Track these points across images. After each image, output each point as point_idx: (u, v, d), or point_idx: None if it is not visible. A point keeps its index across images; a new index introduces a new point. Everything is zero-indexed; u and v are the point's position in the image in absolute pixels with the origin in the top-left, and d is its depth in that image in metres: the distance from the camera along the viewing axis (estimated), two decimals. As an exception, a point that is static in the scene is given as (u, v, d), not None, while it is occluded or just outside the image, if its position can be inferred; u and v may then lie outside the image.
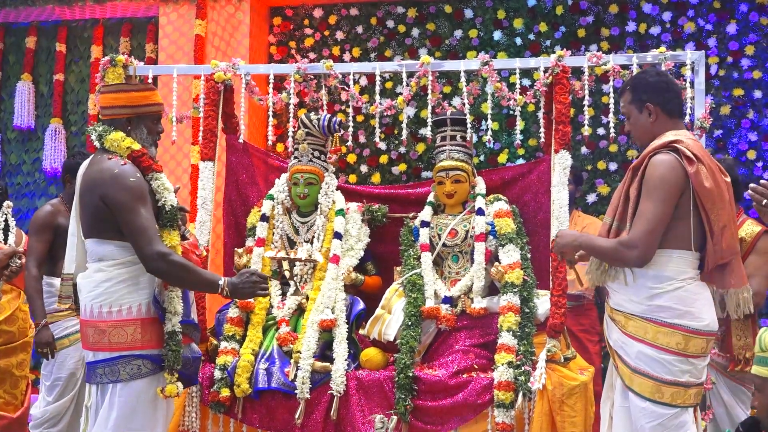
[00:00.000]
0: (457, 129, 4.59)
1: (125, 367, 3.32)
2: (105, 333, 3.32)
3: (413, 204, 4.80)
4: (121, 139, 3.41)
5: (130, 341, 3.32)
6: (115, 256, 3.35)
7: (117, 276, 3.34)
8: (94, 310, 3.34)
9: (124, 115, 3.48)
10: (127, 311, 3.33)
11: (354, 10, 6.40)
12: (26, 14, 6.85)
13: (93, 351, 3.37)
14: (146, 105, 3.53)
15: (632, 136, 3.41)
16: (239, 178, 4.92)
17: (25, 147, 7.05)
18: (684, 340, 3.11)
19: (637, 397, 3.11)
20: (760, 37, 5.84)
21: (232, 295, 3.44)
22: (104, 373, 3.33)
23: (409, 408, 4.05)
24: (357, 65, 4.93)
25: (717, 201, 3.16)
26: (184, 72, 4.99)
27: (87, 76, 6.92)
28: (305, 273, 4.62)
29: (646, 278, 3.15)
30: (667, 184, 3.11)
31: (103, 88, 3.62)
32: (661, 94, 3.29)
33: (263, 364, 4.25)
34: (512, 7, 6.18)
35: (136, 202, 3.31)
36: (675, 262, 3.17)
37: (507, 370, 3.97)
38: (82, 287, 3.41)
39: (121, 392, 3.32)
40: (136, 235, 3.29)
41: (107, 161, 3.38)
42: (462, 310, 4.39)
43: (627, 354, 3.15)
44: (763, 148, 5.78)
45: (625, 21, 5.97)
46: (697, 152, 3.17)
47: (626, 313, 3.18)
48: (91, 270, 3.41)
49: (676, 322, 3.12)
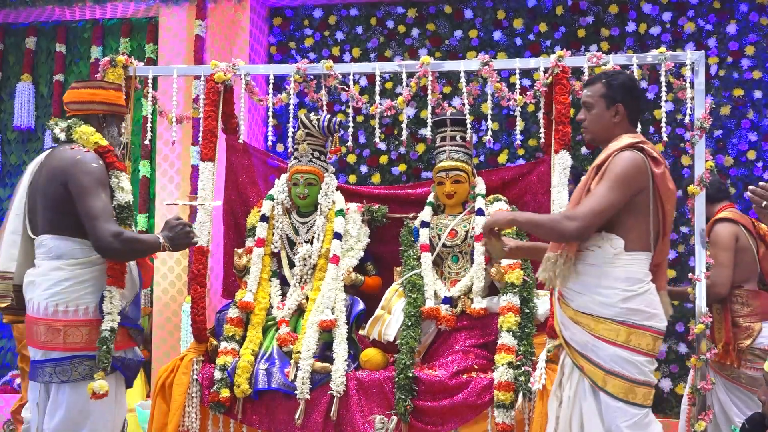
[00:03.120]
0: (457, 129, 4.59)
1: (77, 367, 3.30)
2: (59, 332, 3.30)
3: (413, 204, 4.80)
4: (90, 133, 3.43)
5: (85, 342, 3.31)
6: (77, 255, 3.34)
7: (77, 276, 3.32)
8: (48, 308, 3.31)
9: (100, 111, 3.51)
10: (84, 311, 3.32)
11: (354, 10, 6.39)
12: (26, 15, 6.84)
13: (44, 350, 3.34)
14: (120, 105, 3.57)
15: (584, 127, 3.38)
16: (239, 179, 4.92)
17: (26, 147, 7.04)
18: (653, 341, 3.15)
19: (611, 398, 3.12)
20: (760, 38, 5.84)
21: (172, 247, 3.40)
22: (54, 373, 3.31)
23: (409, 408, 4.05)
24: (357, 65, 4.93)
25: (673, 204, 3.26)
26: (184, 72, 4.99)
27: (87, 76, 6.91)
28: (305, 273, 4.62)
29: (616, 280, 3.15)
30: (628, 176, 3.14)
31: (78, 84, 3.60)
32: (633, 100, 3.33)
33: (263, 365, 4.25)
34: (512, 8, 6.17)
35: (96, 186, 3.31)
36: (642, 263, 3.19)
37: (507, 371, 3.97)
38: (36, 284, 3.36)
39: (70, 392, 3.30)
40: (92, 217, 3.27)
41: (70, 150, 3.39)
42: (462, 310, 4.39)
43: (598, 357, 3.15)
44: (763, 148, 5.77)
45: (625, 21, 5.96)
46: (659, 156, 3.24)
47: (596, 316, 3.16)
48: (46, 267, 3.36)
49: (647, 324, 3.14)
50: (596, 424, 3.15)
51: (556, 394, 3.36)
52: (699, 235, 4.13)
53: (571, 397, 3.25)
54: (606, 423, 3.13)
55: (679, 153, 5.73)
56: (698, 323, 4.06)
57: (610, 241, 3.16)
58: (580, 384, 3.22)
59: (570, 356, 3.25)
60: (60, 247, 3.35)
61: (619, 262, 3.15)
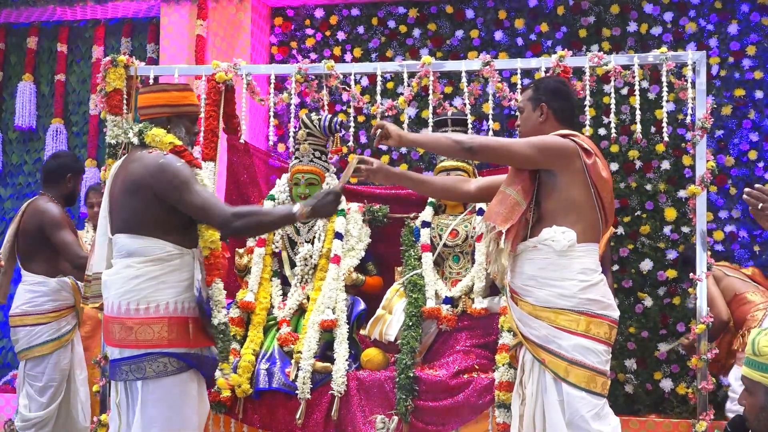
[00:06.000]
0: (458, 129, 4.59)
1: (151, 364, 3.29)
2: (132, 330, 3.30)
3: (414, 204, 4.80)
4: (162, 135, 3.43)
5: (156, 339, 3.29)
6: (147, 252, 3.33)
7: (146, 273, 3.31)
8: (121, 307, 3.32)
9: (164, 114, 3.51)
10: (155, 309, 3.30)
11: (355, 10, 6.39)
12: (27, 14, 6.85)
13: (119, 348, 3.35)
14: (185, 105, 3.55)
15: (519, 130, 3.50)
16: (240, 179, 4.93)
17: (27, 147, 7.05)
18: (609, 330, 3.22)
19: (574, 388, 3.15)
20: (762, 38, 5.83)
21: (315, 214, 3.37)
22: (130, 370, 3.32)
23: (409, 408, 4.05)
24: (358, 65, 4.94)
25: (610, 194, 3.32)
26: (186, 72, 4.98)
27: (88, 76, 6.92)
28: (306, 273, 4.62)
29: (573, 271, 3.21)
30: (549, 143, 3.25)
31: (143, 89, 3.64)
32: (557, 100, 3.42)
33: (264, 365, 4.25)
34: (513, 8, 6.17)
35: (188, 182, 3.32)
36: (592, 255, 3.27)
37: (508, 371, 3.97)
38: (109, 284, 3.38)
39: (153, 389, 3.30)
40: (203, 211, 3.31)
41: (149, 155, 3.38)
42: (463, 310, 4.39)
43: (561, 347, 3.19)
44: (764, 148, 5.77)
45: (626, 21, 5.96)
46: (591, 147, 3.30)
47: (555, 308, 3.21)
48: (119, 266, 3.37)
49: (603, 313, 3.22)
50: (558, 417, 3.18)
51: (518, 392, 3.39)
52: (700, 236, 4.13)
53: (534, 393, 3.27)
54: (568, 415, 3.16)
55: (680, 153, 5.73)
56: (699, 323, 4.07)
57: (563, 233, 3.21)
58: (541, 378, 3.25)
59: (531, 351, 3.28)
60: (131, 245, 3.35)
61: (573, 254, 3.21)
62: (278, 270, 4.69)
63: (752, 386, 2.61)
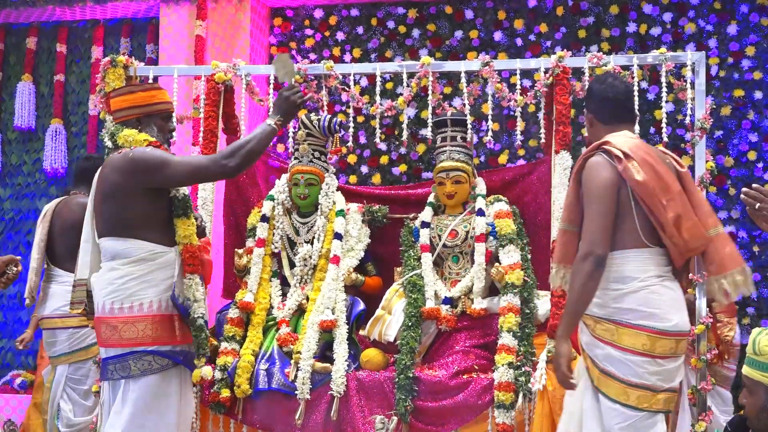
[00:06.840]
0: (457, 130, 4.60)
1: (136, 362, 3.33)
2: (116, 329, 3.34)
3: (413, 205, 4.80)
4: (134, 134, 3.46)
5: (140, 337, 3.33)
6: (130, 253, 3.37)
7: (130, 273, 3.36)
8: (106, 307, 3.37)
9: (133, 115, 3.53)
10: (139, 308, 3.35)
11: (354, 10, 6.39)
12: (27, 15, 6.84)
13: (105, 347, 3.41)
14: (153, 104, 3.57)
15: None
16: (239, 179, 4.92)
17: (26, 147, 7.04)
18: (650, 341, 3.10)
19: (606, 398, 3.14)
20: (761, 38, 5.84)
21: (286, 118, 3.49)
22: (115, 369, 3.36)
23: (409, 409, 4.05)
24: (357, 66, 4.93)
25: (658, 192, 3.15)
26: (185, 73, 4.98)
27: (87, 76, 6.91)
28: (305, 273, 4.62)
29: (608, 281, 3.16)
30: (600, 184, 3.16)
31: (112, 93, 3.67)
32: (595, 102, 3.37)
33: (263, 365, 4.25)
34: (513, 8, 6.17)
35: (164, 158, 3.36)
36: (633, 261, 3.17)
37: (507, 371, 3.97)
38: (96, 286, 3.43)
39: (133, 388, 3.33)
40: (195, 172, 3.41)
41: (117, 156, 3.43)
42: (462, 310, 4.39)
43: (596, 356, 3.17)
44: (763, 149, 5.77)
45: (625, 22, 5.96)
46: (626, 149, 3.19)
47: (594, 316, 3.18)
48: (104, 269, 3.43)
49: (641, 323, 3.11)
50: (593, 424, 3.17)
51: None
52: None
53: (580, 391, 3.27)
54: (603, 423, 3.15)
55: (679, 153, 5.71)
56: (698, 323, 4.06)
57: None
58: (586, 382, 3.25)
59: (582, 356, 3.31)
60: (114, 248, 3.40)
61: (609, 262, 3.15)
62: (277, 270, 4.69)
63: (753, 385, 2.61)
